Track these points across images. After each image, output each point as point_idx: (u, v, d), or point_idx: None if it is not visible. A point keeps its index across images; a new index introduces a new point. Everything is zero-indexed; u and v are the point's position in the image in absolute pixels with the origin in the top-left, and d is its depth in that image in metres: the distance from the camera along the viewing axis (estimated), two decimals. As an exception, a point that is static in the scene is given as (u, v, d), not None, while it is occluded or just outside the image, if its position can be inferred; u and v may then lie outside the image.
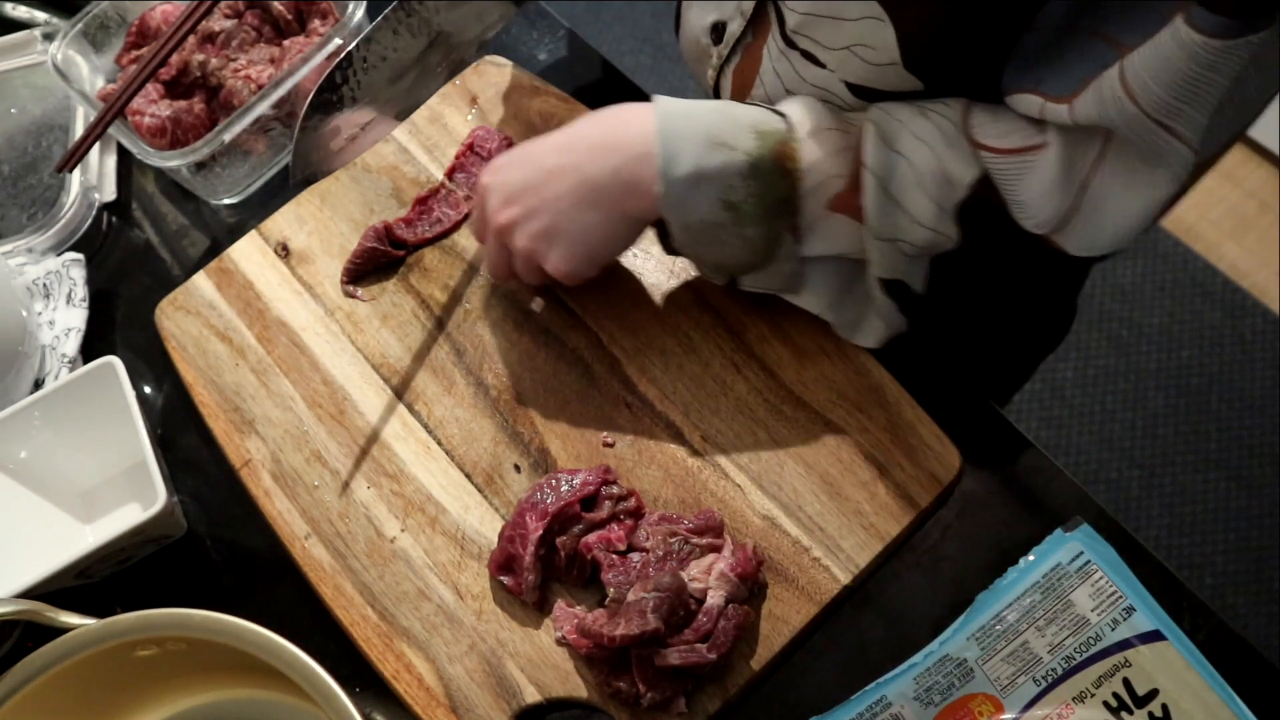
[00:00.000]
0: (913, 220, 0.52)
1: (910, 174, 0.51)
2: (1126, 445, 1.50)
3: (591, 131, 0.56)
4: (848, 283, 0.57)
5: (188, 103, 0.73)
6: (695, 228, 0.54)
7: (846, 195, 0.53)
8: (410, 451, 0.61)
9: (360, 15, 0.71)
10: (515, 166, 0.58)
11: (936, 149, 0.51)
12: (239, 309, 0.67)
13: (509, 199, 0.57)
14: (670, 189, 0.53)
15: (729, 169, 0.52)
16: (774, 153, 0.52)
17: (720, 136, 0.52)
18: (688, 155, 0.52)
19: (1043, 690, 0.51)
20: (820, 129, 0.53)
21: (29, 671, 0.49)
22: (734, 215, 0.53)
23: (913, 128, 0.52)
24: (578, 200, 0.55)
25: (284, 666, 0.47)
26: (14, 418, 0.61)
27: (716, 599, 0.52)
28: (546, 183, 0.56)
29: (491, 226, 0.58)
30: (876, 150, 0.52)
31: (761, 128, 0.53)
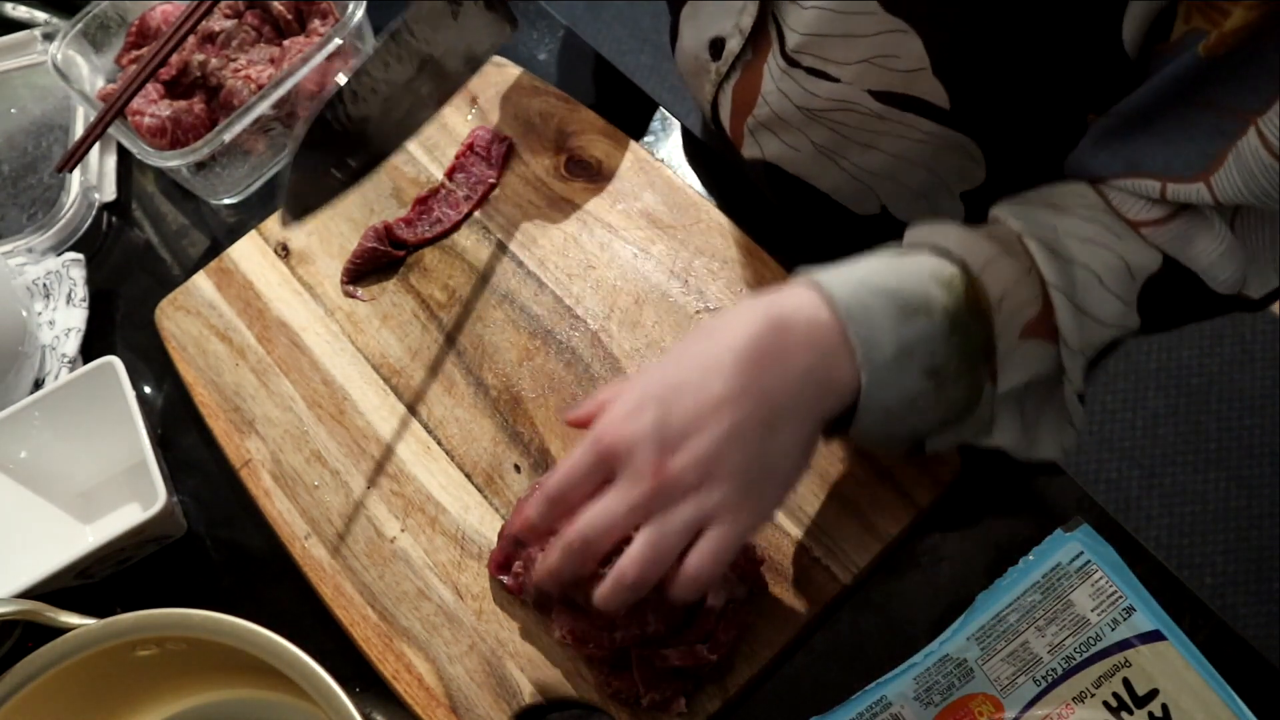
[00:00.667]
0: (1101, 324, 0.48)
1: (1091, 278, 0.47)
2: (1126, 445, 1.50)
3: (751, 341, 0.44)
4: (1026, 403, 0.51)
5: (188, 103, 0.73)
6: (896, 408, 0.46)
7: (1037, 321, 0.47)
8: (410, 451, 0.61)
9: (360, 15, 0.71)
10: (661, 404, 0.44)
11: (1109, 244, 0.48)
12: (239, 309, 0.67)
13: (672, 443, 0.43)
14: (875, 376, 0.45)
15: (932, 334, 0.45)
16: (967, 298, 0.46)
17: (912, 301, 0.45)
18: (887, 334, 0.44)
19: (1043, 690, 0.51)
20: (991, 257, 0.47)
21: (29, 671, 0.49)
22: (936, 381, 0.46)
23: (1073, 230, 0.48)
24: (764, 424, 0.44)
25: (284, 666, 0.47)
26: (14, 418, 0.61)
27: (716, 599, 0.52)
28: (719, 413, 0.43)
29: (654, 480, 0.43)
30: (1053, 265, 0.47)
31: (941, 276, 0.46)
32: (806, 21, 0.53)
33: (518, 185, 0.70)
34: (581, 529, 0.44)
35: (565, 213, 0.68)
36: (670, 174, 0.68)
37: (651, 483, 0.43)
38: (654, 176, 0.68)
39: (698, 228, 0.66)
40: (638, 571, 0.43)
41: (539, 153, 0.70)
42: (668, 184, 0.68)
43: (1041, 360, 0.48)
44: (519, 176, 0.70)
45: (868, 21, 0.50)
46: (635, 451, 0.43)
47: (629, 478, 0.44)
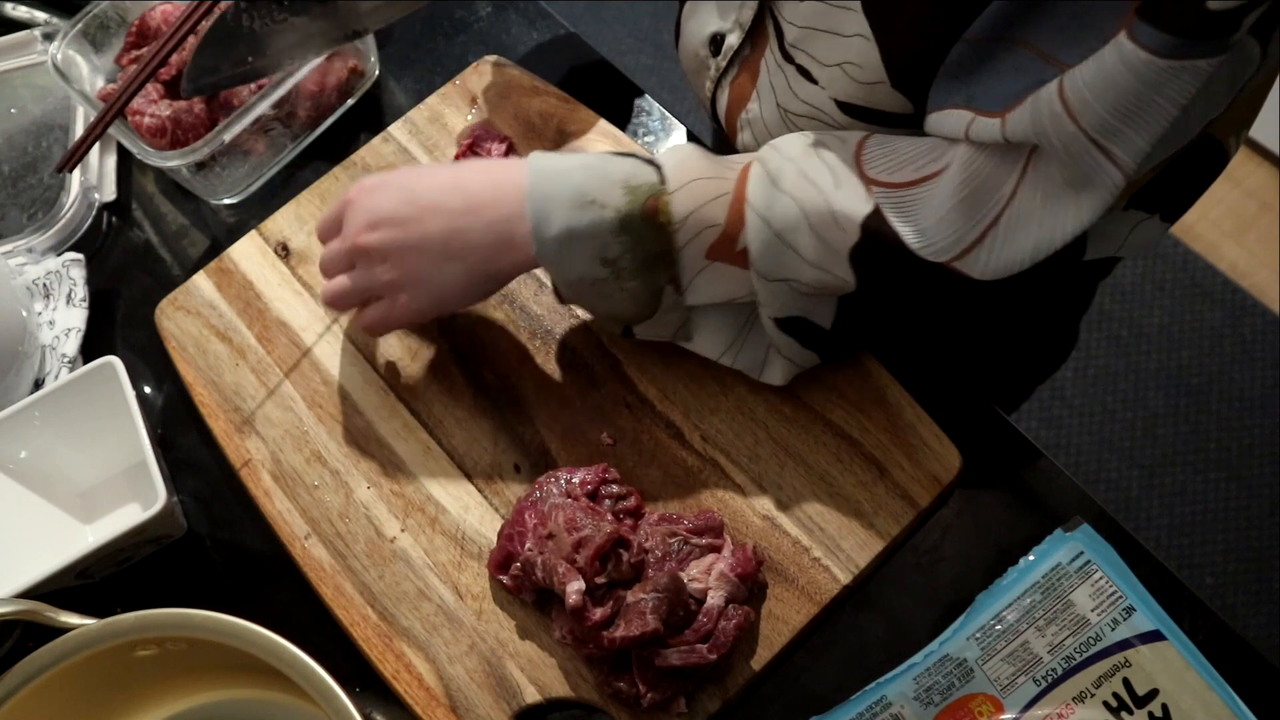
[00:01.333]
0: (801, 259, 0.51)
1: (798, 214, 0.50)
2: (1126, 445, 1.50)
3: (472, 182, 0.56)
4: (742, 326, 0.57)
5: (188, 103, 0.73)
6: (576, 283, 0.55)
7: (724, 243, 0.53)
8: (410, 451, 0.61)
9: (360, 15, 0.71)
10: (388, 191, 0.57)
11: (825, 188, 0.50)
12: (239, 309, 0.67)
13: (374, 223, 0.56)
14: (543, 248, 0.53)
15: (600, 227, 0.52)
16: (644, 208, 0.52)
17: (589, 194, 0.52)
18: (558, 215, 0.52)
19: (1043, 690, 0.51)
20: (696, 178, 0.53)
21: (29, 671, 0.49)
22: (612, 270, 0.53)
23: (802, 165, 0.51)
24: (444, 247, 0.55)
25: (284, 666, 0.47)
26: (14, 418, 0.61)
27: (716, 599, 0.52)
28: (417, 219, 0.55)
29: (351, 242, 0.57)
30: (762, 190, 0.51)
31: (632, 182, 0.53)
32: (802, 14, 0.53)
33: (518, 185, 0.69)
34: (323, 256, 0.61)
35: (565, 213, 0.68)
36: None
37: (350, 243, 0.57)
38: (654, 176, 0.68)
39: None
40: (329, 297, 0.60)
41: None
42: (668, 184, 0.68)
43: (735, 283, 0.54)
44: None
45: (849, 20, 0.50)
46: (353, 215, 0.57)
47: (343, 233, 0.58)
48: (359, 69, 0.77)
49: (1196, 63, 0.38)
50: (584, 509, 0.54)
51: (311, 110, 0.75)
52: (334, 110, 0.76)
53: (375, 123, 0.75)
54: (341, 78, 0.75)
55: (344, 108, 0.77)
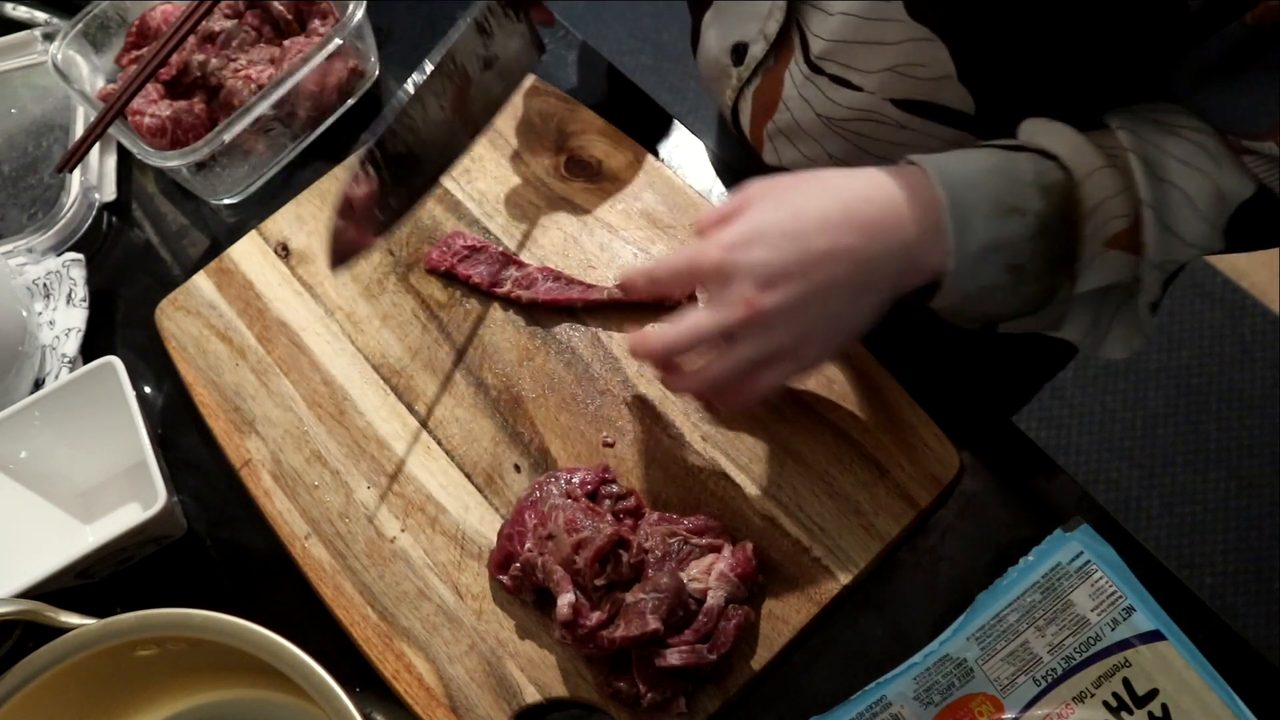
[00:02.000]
0: (1185, 244, 0.49)
1: (1185, 200, 0.48)
2: (1126, 445, 1.50)
3: (864, 206, 0.49)
4: (1102, 305, 0.53)
5: (188, 103, 0.73)
6: (973, 294, 0.50)
7: (1125, 234, 0.49)
8: (410, 451, 0.61)
9: (360, 15, 0.71)
10: (770, 242, 0.48)
11: (1208, 170, 0.48)
12: (239, 309, 0.67)
13: (770, 282, 0.48)
14: (962, 264, 0.48)
15: (1021, 235, 0.48)
16: (1062, 208, 0.49)
17: (1010, 202, 0.48)
18: (979, 228, 0.48)
19: (1043, 690, 0.51)
20: (1096, 169, 0.49)
21: (29, 671, 0.49)
22: (1015, 276, 0.49)
23: (1176, 152, 0.49)
24: (858, 286, 0.49)
25: (284, 666, 0.47)
26: (14, 418, 0.61)
27: (716, 599, 0.52)
28: (819, 267, 0.48)
29: (745, 313, 0.48)
30: (1149, 184, 0.48)
31: (1044, 181, 0.49)
32: (832, 28, 0.52)
33: (518, 185, 0.69)
34: (670, 341, 0.51)
35: (565, 213, 0.68)
36: (670, 174, 0.68)
37: (744, 313, 0.48)
38: (654, 176, 0.68)
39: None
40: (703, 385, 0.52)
41: (539, 153, 0.70)
42: (668, 184, 0.68)
43: (1121, 268, 0.50)
44: (519, 176, 0.70)
45: (894, 29, 0.49)
46: (736, 281, 0.48)
47: (725, 303, 0.49)
48: (359, 69, 0.77)
49: None
50: (584, 510, 0.54)
51: (311, 110, 0.75)
52: (334, 110, 0.76)
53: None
54: (341, 78, 0.75)
55: (344, 108, 0.77)
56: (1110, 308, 0.53)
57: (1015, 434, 0.61)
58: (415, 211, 0.59)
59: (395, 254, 0.68)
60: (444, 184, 0.70)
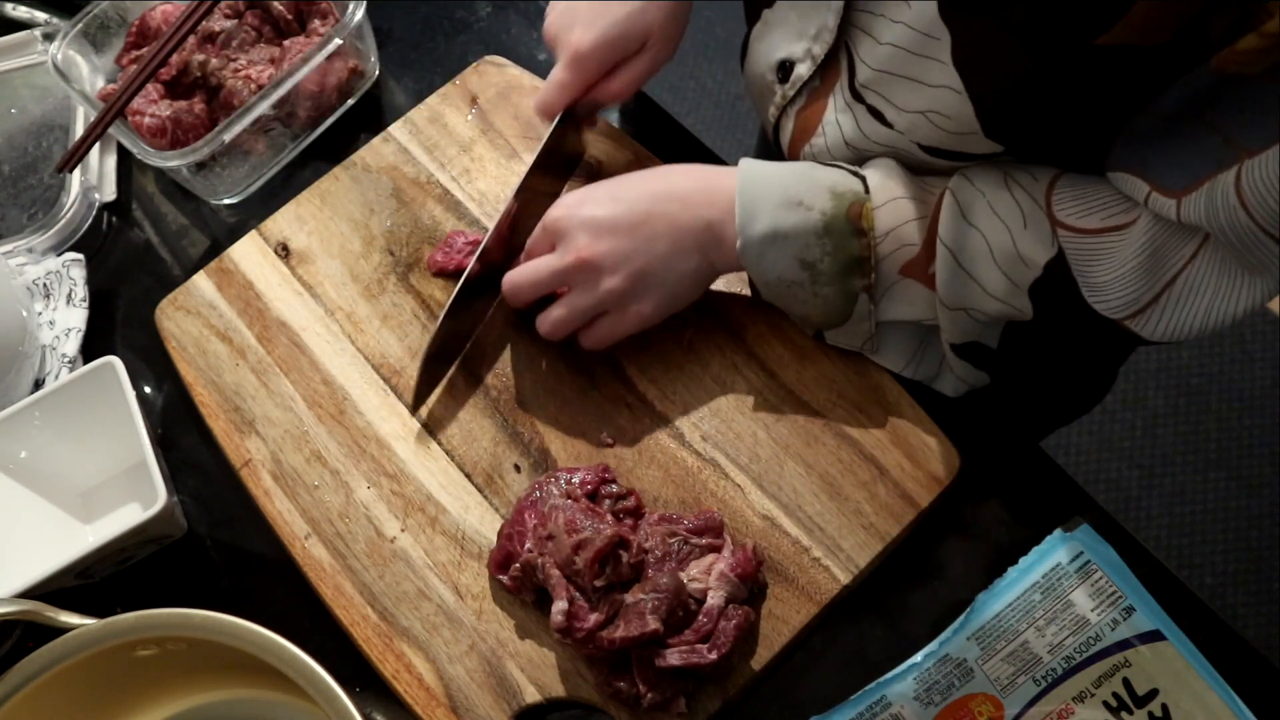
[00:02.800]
0: (985, 292, 0.52)
1: (984, 248, 0.52)
2: (1126, 445, 1.50)
3: (682, 184, 0.57)
4: (924, 341, 0.58)
5: (188, 103, 0.73)
6: (774, 284, 0.56)
7: (919, 263, 0.54)
8: (410, 451, 0.61)
9: (360, 15, 0.71)
10: (602, 204, 0.57)
11: (1013, 227, 0.51)
12: (239, 309, 0.67)
13: (600, 233, 0.56)
14: (748, 246, 0.54)
15: (804, 228, 0.53)
16: (848, 213, 0.53)
17: (797, 196, 0.54)
18: (765, 214, 0.54)
19: (1043, 690, 0.51)
20: (898, 196, 0.53)
21: (29, 671, 0.49)
22: (810, 274, 0.55)
23: (992, 200, 0.52)
24: (673, 246, 0.56)
25: (284, 666, 0.47)
26: (14, 418, 0.61)
27: (716, 599, 0.52)
28: (642, 224, 0.56)
29: (575, 258, 0.57)
30: (952, 222, 0.52)
31: (838, 189, 0.54)
32: (880, 58, 0.52)
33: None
34: (517, 275, 0.60)
35: (565, 213, 0.68)
36: (670, 174, 0.68)
37: (575, 258, 0.57)
38: (654, 176, 0.68)
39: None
40: (550, 327, 0.60)
41: (539, 153, 0.70)
42: (668, 184, 0.68)
43: (923, 303, 0.55)
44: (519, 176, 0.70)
45: (935, 70, 0.49)
46: (570, 233, 0.57)
47: (562, 250, 0.58)
48: (359, 69, 0.77)
49: None
50: (584, 510, 0.54)
51: (311, 110, 0.75)
52: (334, 110, 0.76)
53: (375, 123, 0.75)
54: (341, 78, 0.75)
55: (344, 108, 0.77)
56: (931, 347, 0.58)
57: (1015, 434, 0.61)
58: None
59: (395, 254, 0.68)
60: (444, 184, 0.70)
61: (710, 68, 1.84)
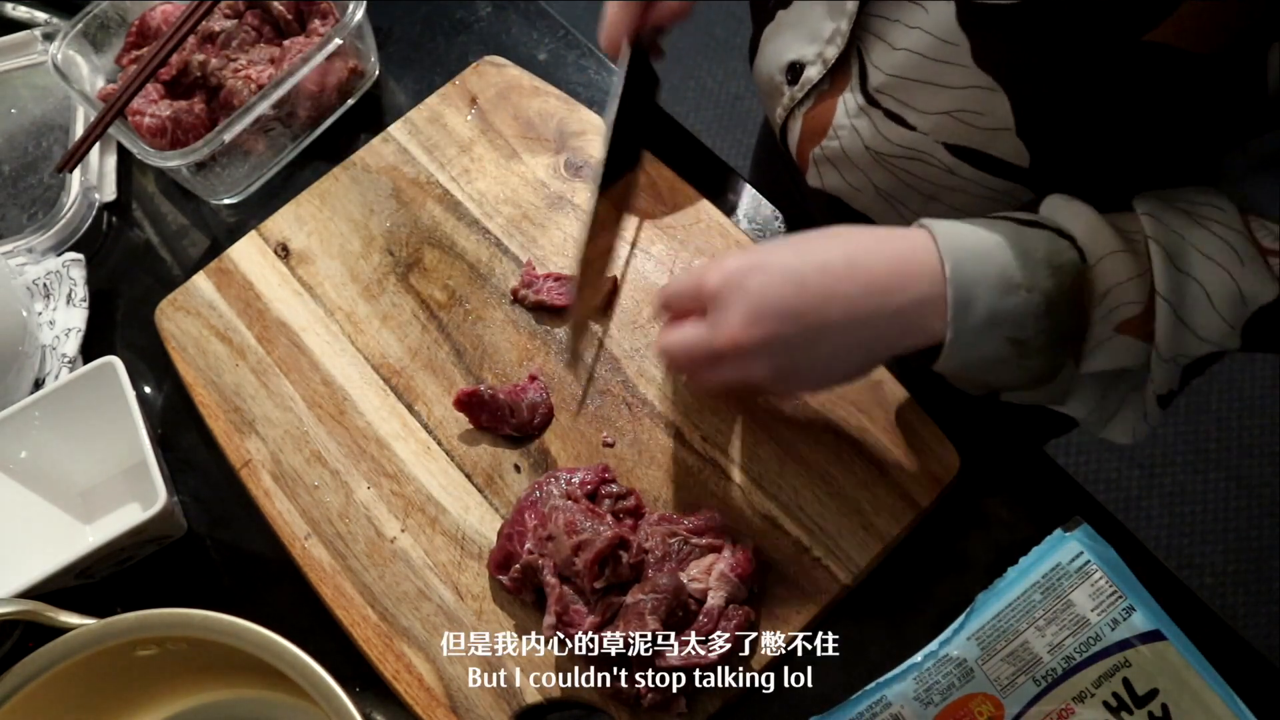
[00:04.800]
0: (1198, 338, 0.49)
1: (1202, 295, 0.48)
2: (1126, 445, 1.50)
3: (869, 260, 0.49)
4: (1111, 387, 0.53)
5: (188, 103, 0.73)
6: (974, 364, 0.49)
7: (1138, 321, 0.48)
8: (410, 451, 0.61)
9: (360, 15, 0.71)
10: (771, 275, 0.48)
11: (1230, 267, 0.47)
12: (239, 309, 0.67)
13: (759, 318, 0.48)
14: (961, 335, 0.47)
15: (1025, 312, 0.47)
16: (1071, 289, 0.48)
17: (1016, 278, 0.47)
18: (982, 301, 0.47)
19: (1043, 690, 0.51)
20: (1111, 251, 0.48)
21: (29, 671, 0.49)
22: (1018, 350, 0.48)
23: (1200, 245, 0.48)
24: (849, 341, 0.49)
25: (284, 666, 0.47)
26: (14, 418, 0.61)
27: (717, 600, 0.52)
28: (811, 311, 0.48)
29: (728, 340, 0.49)
30: (1167, 275, 0.47)
31: (1055, 261, 0.48)
32: (895, 63, 0.52)
33: (517, 185, 0.69)
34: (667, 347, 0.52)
35: (565, 213, 0.68)
36: (671, 173, 0.68)
37: (725, 343, 0.49)
38: (654, 176, 0.68)
39: (697, 228, 0.66)
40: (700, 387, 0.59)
41: (539, 153, 0.70)
42: (668, 184, 0.68)
43: (1133, 355, 0.49)
44: (519, 176, 0.70)
45: (957, 74, 0.49)
46: (730, 307, 0.49)
47: (714, 326, 0.49)
48: (359, 69, 0.77)
49: None
50: (584, 511, 0.54)
51: (311, 110, 0.75)
52: (334, 110, 0.76)
53: (375, 123, 0.75)
54: (341, 78, 0.75)
55: (344, 108, 0.77)
56: (1119, 391, 0.52)
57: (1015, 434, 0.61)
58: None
59: (395, 254, 0.68)
60: (444, 184, 0.70)
61: (710, 68, 1.84)
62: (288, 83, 0.69)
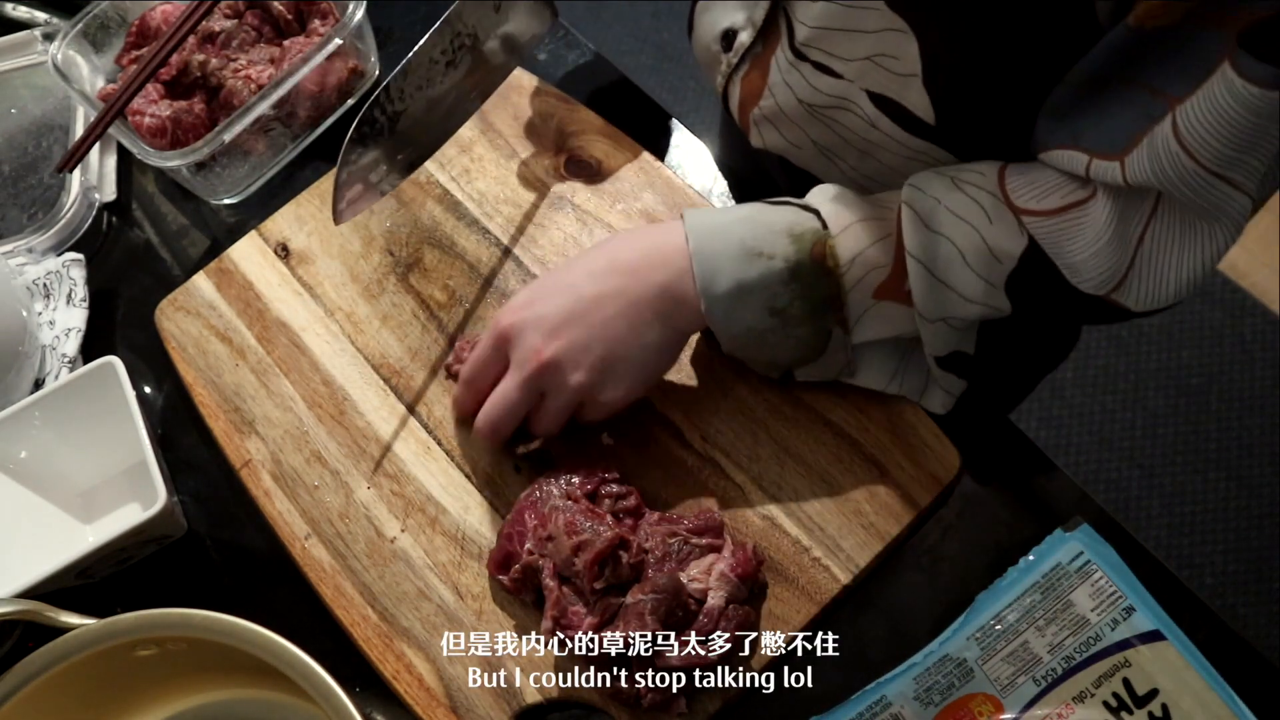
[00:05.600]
0: (962, 298, 0.51)
1: (954, 253, 0.51)
2: (1126, 445, 1.50)
3: (626, 253, 0.54)
4: (903, 355, 0.57)
5: (188, 103, 0.73)
6: (742, 335, 0.54)
7: (892, 282, 0.52)
8: (410, 451, 0.61)
9: (360, 15, 0.71)
10: (547, 298, 0.54)
11: (978, 225, 0.50)
12: (239, 309, 0.67)
13: (552, 332, 0.53)
14: (713, 305, 0.52)
15: (770, 278, 0.52)
16: (812, 254, 0.52)
17: (756, 246, 0.52)
18: (726, 271, 0.52)
19: (1043, 690, 0.51)
20: (856, 220, 0.52)
21: (29, 671, 0.49)
22: (780, 320, 0.53)
23: (950, 204, 0.51)
24: (632, 323, 0.53)
25: (284, 666, 0.47)
26: (14, 418, 0.61)
27: (717, 599, 0.52)
28: (592, 310, 0.53)
29: (535, 364, 0.53)
30: (916, 233, 0.51)
31: (795, 230, 0.52)
32: (815, 14, 0.53)
33: (517, 185, 0.70)
34: (490, 415, 0.56)
35: (565, 213, 0.68)
36: (670, 174, 0.68)
37: (535, 363, 0.53)
38: (654, 176, 0.68)
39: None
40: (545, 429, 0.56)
41: (539, 153, 0.70)
42: (667, 184, 0.68)
43: (901, 320, 0.54)
44: (519, 176, 0.70)
45: (871, 17, 0.50)
46: (523, 337, 0.54)
47: (520, 362, 0.54)
48: (359, 69, 0.77)
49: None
50: (583, 511, 0.54)
51: (311, 110, 0.75)
52: (334, 110, 0.76)
53: (375, 123, 0.75)
54: (341, 78, 0.75)
55: (344, 108, 0.77)
56: (912, 361, 0.57)
57: (1015, 434, 0.61)
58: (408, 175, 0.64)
59: (395, 254, 0.68)
60: (444, 184, 0.70)
61: (710, 68, 1.84)
62: (288, 83, 0.69)
